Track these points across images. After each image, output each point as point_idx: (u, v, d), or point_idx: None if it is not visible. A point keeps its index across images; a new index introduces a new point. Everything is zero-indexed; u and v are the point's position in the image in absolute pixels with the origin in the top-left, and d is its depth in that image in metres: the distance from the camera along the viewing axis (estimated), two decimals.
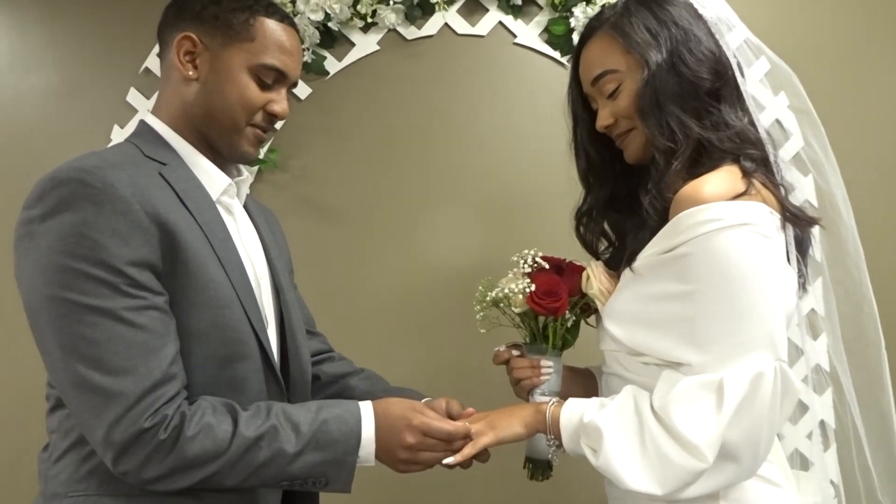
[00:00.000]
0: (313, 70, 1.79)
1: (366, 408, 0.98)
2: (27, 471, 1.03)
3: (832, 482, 1.61)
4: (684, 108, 1.00)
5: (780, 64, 1.12)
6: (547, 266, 1.13)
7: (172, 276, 0.92)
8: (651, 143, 1.03)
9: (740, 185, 0.95)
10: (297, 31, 1.07)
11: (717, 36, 1.02)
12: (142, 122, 1.04)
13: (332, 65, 1.80)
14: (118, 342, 0.86)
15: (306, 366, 1.13)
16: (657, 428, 0.92)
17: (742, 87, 1.02)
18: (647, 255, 0.99)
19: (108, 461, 0.87)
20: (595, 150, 1.16)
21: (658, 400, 0.94)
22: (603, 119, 1.09)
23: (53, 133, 1.79)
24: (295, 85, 1.09)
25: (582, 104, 1.15)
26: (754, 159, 1.00)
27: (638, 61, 1.02)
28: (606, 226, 1.18)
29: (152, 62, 1.75)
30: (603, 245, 1.20)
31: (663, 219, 0.98)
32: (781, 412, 0.92)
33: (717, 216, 0.91)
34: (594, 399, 1.02)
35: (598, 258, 1.19)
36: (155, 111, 1.05)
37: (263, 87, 1.02)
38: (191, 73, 1.01)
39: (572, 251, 1.23)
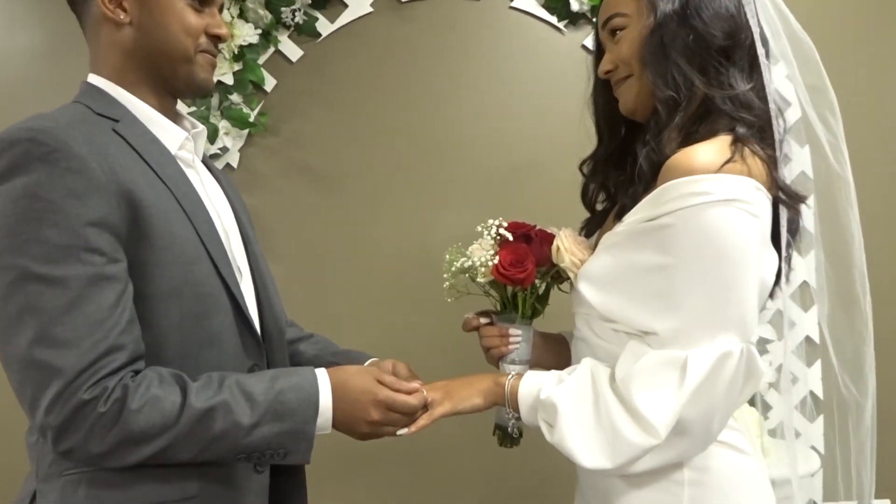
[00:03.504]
0: (305, 32, 1.75)
1: (322, 375, 0.96)
2: (13, 452, 1.01)
3: (819, 453, 1.64)
4: (691, 61, 0.98)
5: (802, 36, 1.09)
6: (511, 237, 1.11)
7: (136, 236, 0.88)
8: (652, 93, 1.01)
9: (728, 152, 0.93)
10: None
11: (745, 3, 0.99)
12: (85, 83, 1.00)
13: (325, 26, 1.76)
14: (63, 312, 0.82)
15: (280, 315, 1.11)
16: (614, 401, 0.92)
17: (760, 56, 0.99)
18: (630, 221, 0.97)
19: (50, 440, 0.83)
20: (604, 99, 1.14)
21: (620, 371, 0.94)
22: (604, 64, 1.07)
23: (38, 93, 1.74)
24: (222, 7, 1.06)
25: (598, 52, 1.14)
26: (750, 126, 0.97)
27: (647, 7, 1.00)
28: (613, 180, 1.16)
29: None
30: (601, 198, 1.19)
31: (653, 180, 0.97)
32: (742, 393, 0.92)
33: (706, 190, 0.89)
34: (553, 373, 1.02)
35: (592, 213, 1.18)
36: (94, 70, 1.00)
37: (197, 10, 1.00)
38: (122, 16, 0.97)
39: (570, 217, 1.21)
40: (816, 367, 1.67)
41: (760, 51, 0.99)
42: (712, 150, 0.93)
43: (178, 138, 1.01)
